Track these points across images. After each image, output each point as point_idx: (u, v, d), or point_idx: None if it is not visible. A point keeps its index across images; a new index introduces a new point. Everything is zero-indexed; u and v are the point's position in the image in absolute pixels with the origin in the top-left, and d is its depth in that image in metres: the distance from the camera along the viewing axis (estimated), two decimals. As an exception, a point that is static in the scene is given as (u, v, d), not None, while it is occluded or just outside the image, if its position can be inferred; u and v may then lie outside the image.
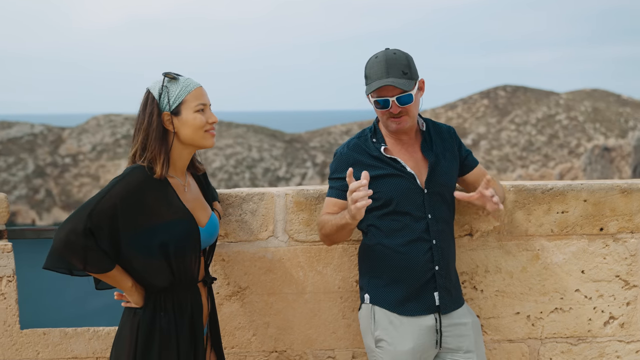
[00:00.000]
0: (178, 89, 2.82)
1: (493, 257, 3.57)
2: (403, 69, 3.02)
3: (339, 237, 3.10)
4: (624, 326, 3.64)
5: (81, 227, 2.64)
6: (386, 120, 3.11)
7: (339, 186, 3.13)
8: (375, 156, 3.13)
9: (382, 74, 3.01)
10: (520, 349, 3.62)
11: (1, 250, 3.45)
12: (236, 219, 3.48)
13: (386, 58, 3.04)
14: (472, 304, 3.57)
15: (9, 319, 3.46)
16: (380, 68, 3.02)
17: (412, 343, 3.06)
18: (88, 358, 3.52)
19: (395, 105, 3.03)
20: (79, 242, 2.64)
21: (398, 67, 3.02)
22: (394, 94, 3.02)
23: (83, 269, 2.70)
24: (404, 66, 3.03)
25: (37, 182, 44.96)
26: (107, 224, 2.68)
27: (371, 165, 3.10)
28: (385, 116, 3.09)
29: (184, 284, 2.84)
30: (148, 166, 2.77)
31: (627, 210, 3.59)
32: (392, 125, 3.10)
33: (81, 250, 2.65)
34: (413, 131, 3.20)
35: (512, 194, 3.55)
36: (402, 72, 3.02)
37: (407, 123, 3.09)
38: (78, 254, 2.65)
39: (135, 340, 2.77)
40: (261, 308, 3.53)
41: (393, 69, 3.01)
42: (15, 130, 47.77)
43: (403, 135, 3.17)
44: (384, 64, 3.02)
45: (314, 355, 3.56)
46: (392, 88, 3.02)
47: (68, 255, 2.66)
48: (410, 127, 3.15)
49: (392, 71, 3.01)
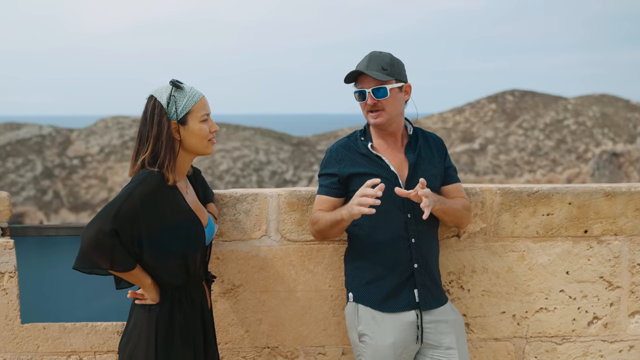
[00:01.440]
0: (185, 99, 2.95)
1: (480, 257, 3.67)
2: (383, 65, 3.21)
3: (331, 234, 3.26)
4: (608, 326, 3.73)
5: (108, 227, 2.76)
6: (366, 115, 3.30)
7: (328, 184, 3.29)
8: (363, 154, 3.28)
9: (363, 66, 3.22)
10: (505, 347, 3.72)
11: (3, 247, 3.57)
12: (230, 219, 3.60)
13: (371, 55, 3.26)
14: (459, 303, 3.67)
15: (10, 313, 3.58)
16: (363, 62, 3.25)
17: (392, 338, 3.17)
18: (86, 352, 3.63)
19: (370, 96, 3.21)
20: (106, 241, 2.76)
21: (379, 63, 3.21)
22: (370, 85, 3.21)
23: (110, 267, 2.83)
24: (385, 63, 3.22)
25: (45, 183, 45.21)
26: (130, 225, 2.81)
27: (358, 162, 3.26)
28: (365, 110, 3.28)
29: (194, 282, 2.99)
30: (159, 172, 2.89)
31: (610, 213, 3.69)
32: (370, 119, 3.28)
33: (109, 250, 2.78)
34: (399, 133, 3.33)
35: (498, 196, 3.65)
36: (382, 68, 3.21)
37: (384, 118, 3.24)
38: (105, 253, 2.78)
39: (154, 335, 2.90)
40: (254, 305, 3.64)
41: (373, 64, 3.21)
42: (23, 131, 48.04)
43: (389, 136, 3.31)
44: (367, 59, 3.24)
45: (305, 351, 3.67)
46: (368, 79, 3.21)
47: (96, 255, 2.78)
48: (391, 126, 3.29)
49: (371, 65, 3.21)
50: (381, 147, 3.31)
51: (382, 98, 3.21)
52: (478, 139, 51.44)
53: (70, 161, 46.81)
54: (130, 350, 2.94)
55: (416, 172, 3.27)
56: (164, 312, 2.93)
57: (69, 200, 44.82)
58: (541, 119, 52.18)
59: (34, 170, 45.59)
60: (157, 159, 2.90)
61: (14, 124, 49.55)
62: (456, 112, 54.90)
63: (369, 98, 3.22)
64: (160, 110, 2.92)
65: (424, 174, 3.27)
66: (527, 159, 49.86)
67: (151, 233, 2.86)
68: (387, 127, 3.29)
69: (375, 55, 3.25)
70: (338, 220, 3.14)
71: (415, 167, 3.28)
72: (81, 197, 44.90)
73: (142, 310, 2.95)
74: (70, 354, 3.63)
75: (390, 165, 3.26)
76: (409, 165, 3.28)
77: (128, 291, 3.02)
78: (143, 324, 2.93)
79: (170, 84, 2.96)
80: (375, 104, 3.22)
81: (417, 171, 3.28)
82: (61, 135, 48.60)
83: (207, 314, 3.08)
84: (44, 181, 45.22)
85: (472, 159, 50.30)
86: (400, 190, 3.10)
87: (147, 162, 2.91)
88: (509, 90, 55.85)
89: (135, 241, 2.84)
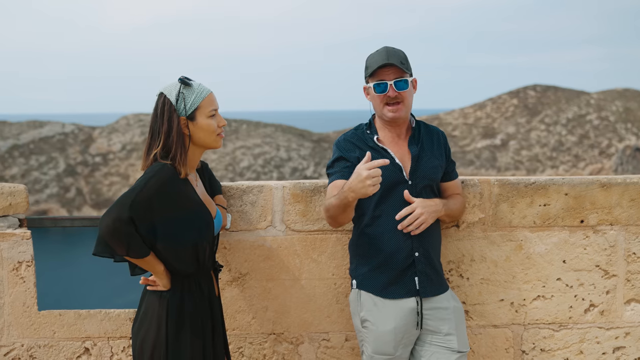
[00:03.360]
0: (193, 95, 3.08)
1: (478, 247, 3.79)
2: (401, 59, 3.33)
3: (344, 218, 3.29)
4: (604, 313, 3.83)
5: (125, 215, 2.90)
6: (382, 109, 3.36)
7: (341, 169, 3.35)
8: (369, 146, 3.40)
9: (384, 58, 3.31)
10: (504, 334, 3.83)
11: (21, 238, 3.74)
12: (237, 210, 3.74)
13: (387, 49, 3.35)
14: (459, 291, 3.79)
15: (28, 301, 3.75)
16: (380, 55, 3.33)
17: (393, 323, 3.30)
18: (100, 337, 3.80)
19: (392, 89, 3.31)
20: (123, 229, 2.90)
21: (397, 57, 3.32)
22: (391, 77, 3.31)
23: (126, 254, 2.96)
24: (402, 58, 3.34)
25: (68, 180, 45.70)
26: (145, 214, 2.95)
27: (365, 154, 3.36)
28: (383, 103, 3.35)
29: (203, 270, 3.13)
30: (172, 165, 3.03)
31: (606, 203, 3.79)
32: (388, 113, 3.35)
33: (125, 237, 2.91)
34: (405, 125, 3.46)
35: (496, 187, 3.76)
36: (401, 62, 3.31)
37: (402, 112, 3.35)
38: (122, 240, 2.92)
39: (165, 320, 3.04)
40: (260, 293, 3.78)
41: (393, 57, 3.31)
42: (46, 129, 48.58)
43: (395, 127, 3.42)
44: (385, 52, 3.33)
45: (310, 337, 3.81)
46: (390, 71, 3.30)
47: (113, 242, 2.92)
48: (403, 119, 3.40)
49: (392, 58, 3.31)
50: (386, 139, 3.43)
51: (403, 90, 3.32)
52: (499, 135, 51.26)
53: (93, 158, 47.28)
54: (142, 334, 3.08)
55: (419, 164, 3.39)
56: (174, 298, 3.07)
57: (91, 197, 45.28)
58: (563, 114, 51.89)
59: (56, 167, 46.10)
60: (169, 153, 3.04)
61: (37, 122, 50.10)
62: (477, 107, 54.73)
63: (391, 90, 3.31)
64: (170, 107, 3.06)
65: (425, 166, 3.39)
66: (550, 155, 49.63)
67: (164, 222, 3.00)
68: (401, 120, 3.40)
69: (391, 49, 3.35)
70: (346, 204, 3.17)
71: (418, 159, 3.40)
72: (103, 194, 45.35)
73: (154, 296, 3.09)
74: (85, 340, 3.80)
75: (395, 158, 3.38)
76: (412, 157, 3.40)
77: (140, 278, 3.17)
78: (154, 310, 3.07)
79: (179, 82, 3.09)
80: (396, 95, 3.33)
81: (420, 163, 3.40)
82: (83, 132, 49.09)
83: (214, 302, 3.22)
84: (66, 178, 45.71)
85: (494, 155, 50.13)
86: (408, 195, 3.27)
87: (159, 156, 3.05)
88: (531, 85, 55.60)
89: (150, 230, 2.98)
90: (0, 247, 3.72)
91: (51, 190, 44.95)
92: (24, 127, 49.16)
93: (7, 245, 3.73)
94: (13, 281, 3.74)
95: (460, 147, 49.35)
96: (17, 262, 3.74)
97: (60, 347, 3.79)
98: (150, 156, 3.07)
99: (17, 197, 3.75)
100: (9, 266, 3.74)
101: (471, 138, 51.24)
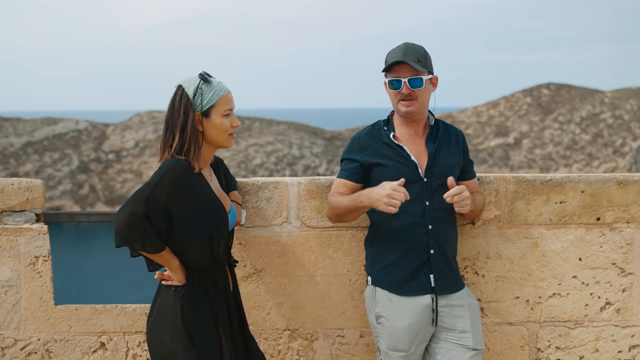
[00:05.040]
0: (211, 93, 3.08)
1: (494, 244, 3.78)
2: (419, 57, 3.33)
3: (349, 218, 3.41)
4: (620, 312, 3.82)
5: (140, 210, 2.91)
6: (397, 104, 3.39)
7: (350, 169, 3.42)
8: (385, 143, 3.41)
9: (400, 55, 3.32)
10: (519, 331, 3.82)
11: (38, 232, 3.76)
12: (252, 206, 3.75)
13: (406, 45, 3.36)
14: (474, 288, 3.79)
15: (45, 295, 3.78)
16: (398, 51, 3.35)
17: (408, 320, 3.30)
18: (116, 332, 3.81)
19: (406, 86, 3.32)
20: (138, 223, 2.91)
21: (415, 54, 3.33)
22: (406, 75, 3.32)
23: (142, 249, 2.98)
24: (420, 55, 3.34)
25: (82, 177, 45.91)
26: (160, 209, 2.96)
27: (380, 151, 3.39)
28: (397, 98, 3.37)
29: (218, 265, 3.14)
30: (186, 160, 3.04)
31: (623, 201, 3.77)
32: (401, 108, 3.37)
33: (141, 231, 2.92)
34: (422, 123, 3.45)
35: (512, 184, 3.75)
36: (418, 59, 3.32)
37: (416, 107, 3.35)
38: (138, 234, 2.93)
39: (180, 315, 3.04)
40: (275, 289, 3.79)
41: (410, 54, 3.32)
42: (60, 126, 48.82)
43: (412, 124, 3.43)
44: (403, 49, 3.35)
45: (325, 334, 3.81)
46: (406, 68, 3.31)
47: (129, 236, 2.93)
48: (419, 115, 3.41)
49: (408, 55, 3.32)
50: (403, 136, 3.43)
51: (418, 88, 3.33)
52: (513, 133, 51.12)
53: (106, 155, 47.47)
54: (157, 329, 3.09)
55: (435, 162, 3.39)
56: (189, 293, 3.08)
57: (104, 194, 45.47)
58: (577, 112, 51.69)
59: (70, 164, 46.31)
60: (184, 148, 3.05)
61: (51, 119, 50.37)
62: (491, 105, 54.59)
63: (404, 87, 3.32)
64: (187, 101, 3.06)
65: (442, 164, 3.39)
66: (563, 153, 49.45)
67: (179, 217, 3.00)
68: (415, 115, 3.40)
69: (410, 46, 3.35)
70: (358, 207, 3.28)
71: (434, 157, 3.40)
72: (116, 191, 45.53)
73: (169, 291, 3.10)
74: (101, 334, 3.81)
75: (410, 155, 3.38)
76: (429, 154, 3.39)
77: (156, 273, 3.18)
78: (169, 305, 3.08)
79: (199, 77, 3.10)
80: (410, 93, 3.33)
81: (436, 161, 3.40)
82: (97, 130, 49.30)
83: (230, 297, 3.23)
84: (80, 175, 45.92)
85: (507, 153, 50.00)
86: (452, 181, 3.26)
87: (174, 150, 3.06)
88: (545, 83, 55.41)
89: (165, 224, 2.99)
90: (17, 241, 3.75)
91: (64, 187, 45.15)
92: (37, 123, 49.44)
93: (24, 240, 3.75)
94: (30, 276, 3.77)
95: (473, 146, 49.25)
96: (34, 256, 3.76)
97: (77, 342, 3.81)
98: (166, 150, 3.08)
99: (34, 192, 3.77)
100: (25, 261, 3.76)
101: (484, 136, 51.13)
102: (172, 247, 3.04)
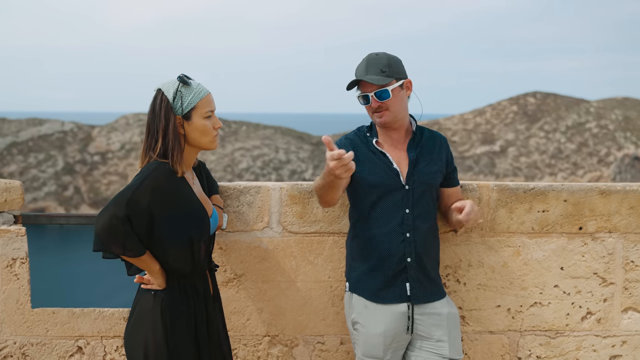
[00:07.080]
0: (191, 95, 3.04)
1: (476, 252, 3.76)
2: (382, 67, 3.30)
3: (329, 196, 3.27)
4: (601, 321, 3.81)
5: (121, 213, 2.87)
6: (372, 115, 3.40)
7: None
8: (369, 149, 3.39)
9: (362, 72, 3.32)
10: (500, 340, 3.81)
11: (15, 234, 3.71)
12: (234, 210, 3.72)
13: (368, 59, 3.34)
14: (455, 296, 3.77)
15: (22, 298, 3.73)
16: (361, 67, 3.34)
17: (383, 327, 3.28)
18: (93, 336, 3.77)
19: (374, 100, 3.31)
20: (119, 227, 2.87)
21: (377, 66, 3.30)
22: (372, 89, 3.31)
23: (122, 253, 2.93)
24: (383, 65, 3.31)
25: (66, 179, 45.66)
26: (141, 212, 2.92)
27: (365, 155, 3.37)
28: (370, 111, 3.38)
29: (198, 270, 3.11)
30: (168, 163, 3.00)
31: (605, 210, 3.77)
32: (376, 119, 3.38)
33: (122, 235, 2.89)
34: (403, 129, 3.43)
35: (495, 192, 3.74)
36: (380, 71, 3.30)
37: (389, 117, 3.35)
38: (118, 238, 2.89)
39: (160, 320, 3.00)
40: (255, 294, 3.76)
41: (372, 68, 3.30)
42: (45, 127, 48.56)
43: (393, 132, 3.41)
44: (365, 64, 3.33)
45: (305, 340, 3.78)
46: (369, 84, 3.30)
47: (109, 240, 2.89)
48: (396, 123, 3.38)
49: (370, 69, 3.30)
50: (385, 143, 3.41)
51: (385, 100, 3.31)
52: (499, 141, 51.31)
53: (91, 157, 47.25)
54: (136, 334, 3.05)
55: (416, 169, 3.37)
56: (169, 298, 3.04)
57: (89, 196, 45.24)
58: (563, 121, 51.96)
59: (55, 165, 46.06)
60: (166, 151, 3.02)
61: (37, 119, 50.09)
62: (477, 113, 54.79)
63: (373, 101, 3.32)
64: (167, 104, 3.02)
65: (423, 171, 3.37)
66: (548, 162, 49.68)
67: (160, 221, 2.97)
68: (392, 124, 3.39)
69: (372, 58, 3.33)
70: (327, 182, 3.16)
71: (415, 164, 3.38)
72: (101, 193, 45.30)
73: (148, 295, 3.06)
74: (78, 338, 3.77)
75: (392, 162, 3.36)
76: (409, 162, 3.37)
77: (135, 277, 3.14)
78: (148, 309, 3.04)
79: (178, 79, 3.06)
80: (379, 105, 3.32)
81: (418, 168, 3.38)
82: (83, 131, 49.07)
83: (210, 302, 3.20)
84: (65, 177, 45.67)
85: (493, 161, 50.17)
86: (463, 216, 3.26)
87: (156, 154, 3.02)
88: (531, 92, 55.68)
89: (145, 228, 2.95)
90: (-6, 243, 3.70)
91: (49, 188, 44.89)
92: (23, 124, 49.15)
93: (1, 242, 3.70)
94: (7, 278, 3.72)
95: (459, 153, 49.38)
96: (11, 258, 3.71)
97: (53, 346, 3.76)
98: (148, 154, 3.04)
99: (12, 194, 3.72)
100: (2, 263, 3.71)
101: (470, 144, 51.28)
102: (152, 251, 3.01)
